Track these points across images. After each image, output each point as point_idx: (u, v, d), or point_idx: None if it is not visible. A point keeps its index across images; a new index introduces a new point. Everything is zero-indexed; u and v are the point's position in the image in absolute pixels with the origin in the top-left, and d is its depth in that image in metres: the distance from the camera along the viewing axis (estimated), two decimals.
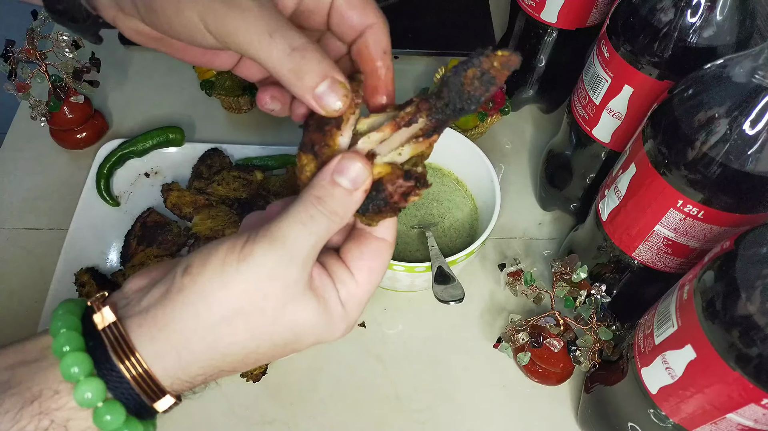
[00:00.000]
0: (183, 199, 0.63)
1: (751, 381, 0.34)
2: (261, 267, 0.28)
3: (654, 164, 0.43)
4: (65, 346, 0.28)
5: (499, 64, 0.27)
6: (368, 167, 0.29)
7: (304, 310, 0.29)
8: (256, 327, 0.29)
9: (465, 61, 0.28)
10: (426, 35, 0.82)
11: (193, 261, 0.29)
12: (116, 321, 0.28)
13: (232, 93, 0.71)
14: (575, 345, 0.53)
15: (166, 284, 0.29)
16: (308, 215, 0.28)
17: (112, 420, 0.28)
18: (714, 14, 0.45)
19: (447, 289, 0.52)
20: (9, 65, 0.62)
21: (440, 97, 0.29)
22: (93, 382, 0.28)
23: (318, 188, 0.29)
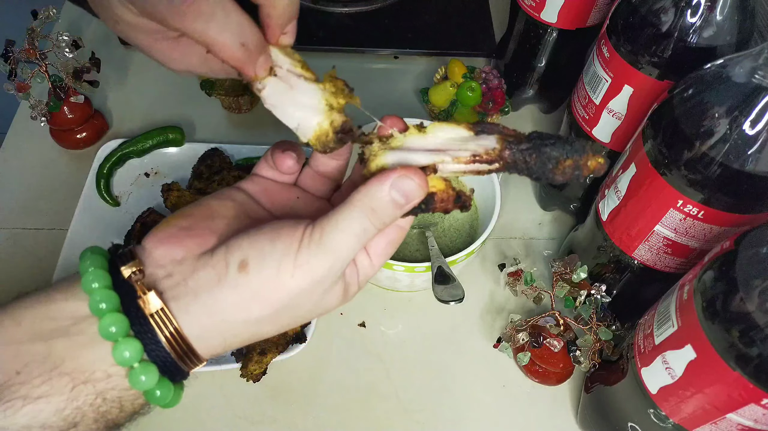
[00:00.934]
0: (183, 199, 0.63)
1: (751, 381, 0.34)
2: (315, 276, 0.30)
3: (654, 164, 0.43)
4: (101, 304, 0.29)
5: (592, 166, 0.29)
6: (425, 187, 0.30)
7: (334, 297, 0.33)
8: (295, 317, 0.32)
9: (567, 145, 0.29)
10: (426, 35, 0.82)
11: (248, 257, 0.30)
12: (164, 308, 0.29)
13: (232, 93, 0.71)
14: (575, 345, 0.53)
15: (215, 269, 0.30)
16: (362, 228, 0.30)
17: (146, 381, 0.29)
18: (714, 14, 0.45)
19: (447, 289, 0.52)
20: (9, 65, 0.62)
21: (527, 161, 0.30)
22: (131, 343, 0.29)
23: (375, 200, 0.30)
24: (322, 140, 0.32)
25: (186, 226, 0.32)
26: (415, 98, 0.78)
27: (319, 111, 0.32)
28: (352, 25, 0.83)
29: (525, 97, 0.75)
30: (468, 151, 0.31)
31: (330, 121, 0.32)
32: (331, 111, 0.32)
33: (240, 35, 0.31)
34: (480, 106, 0.69)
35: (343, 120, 0.32)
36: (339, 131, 0.32)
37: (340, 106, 0.32)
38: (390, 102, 0.77)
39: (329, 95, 0.32)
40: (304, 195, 0.37)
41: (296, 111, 0.32)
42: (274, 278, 0.29)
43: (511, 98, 0.73)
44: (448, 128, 0.31)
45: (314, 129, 0.32)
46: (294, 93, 0.33)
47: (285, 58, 0.33)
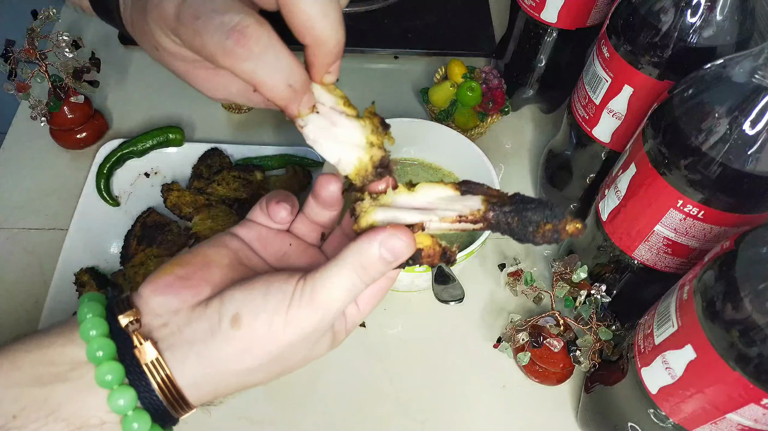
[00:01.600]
0: (183, 199, 0.63)
1: (751, 381, 0.34)
2: (303, 329, 0.31)
3: (654, 164, 0.43)
4: (98, 352, 0.29)
5: (570, 230, 0.30)
6: (412, 245, 0.32)
7: (323, 346, 0.34)
8: (285, 367, 0.33)
9: (548, 211, 0.31)
10: (426, 35, 0.82)
11: (241, 313, 0.30)
12: (159, 358, 0.30)
13: None
14: (575, 345, 0.53)
15: (209, 322, 0.31)
16: (352, 283, 0.31)
17: (138, 428, 0.30)
18: (714, 14, 0.45)
19: (447, 289, 0.52)
20: (9, 65, 0.62)
21: (509, 223, 0.31)
22: (126, 391, 0.29)
23: (365, 257, 0.31)
24: (362, 175, 0.33)
25: (183, 275, 0.32)
26: (415, 98, 0.78)
27: (359, 147, 0.33)
28: (352, 25, 0.82)
29: (525, 97, 0.75)
30: (454, 212, 0.32)
31: (370, 156, 0.33)
32: (372, 147, 0.33)
33: (288, 77, 0.31)
34: (480, 106, 0.69)
35: (382, 155, 0.33)
36: (378, 166, 0.33)
37: (379, 142, 0.33)
38: (390, 102, 0.77)
39: (369, 132, 0.33)
40: (297, 242, 0.37)
41: (338, 147, 0.33)
42: (266, 332, 0.30)
43: (511, 98, 0.73)
44: (437, 188, 0.33)
45: (354, 164, 0.33)
46: (335, 130, 0.33)
47: (328, 95, 0.34)
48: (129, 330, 0.30)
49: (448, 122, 0.70)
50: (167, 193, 0.63)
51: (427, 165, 0.66)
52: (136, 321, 0.31)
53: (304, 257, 0.37)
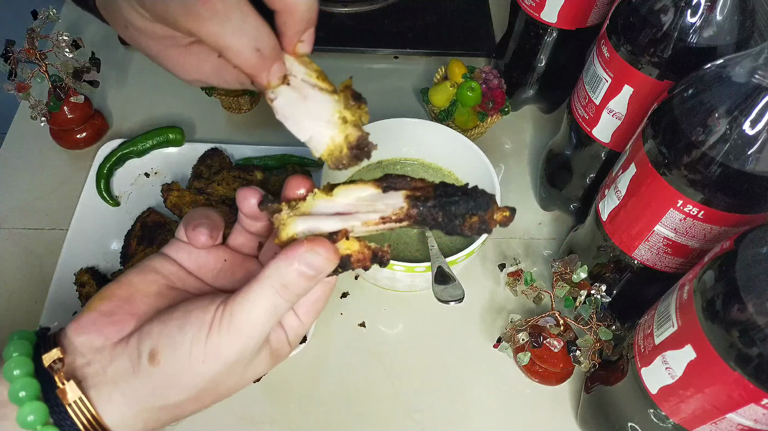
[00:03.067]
0: (183, 199, 0.63)
1: (751, 381, 0.34)
2: (228, 359, 0.29)
3: (654, 164, 0.43)
4: (21, 392, 0.28)
5: (498, 219, 0.29)
6: (333, 259, 0.30)
7: (260, 366, 0.32)
8: (218, 395, 0.32)
9: (471, 200, 0.29)
10: (426, 35, 0.82)
11: (158, 348, 0.29)
12: (83, 397, 0.29)
13: (232, 93, 0.71)
14: (575, 345, 0.53)
15: (130, 359, 0.30)
16: (272, 304, 0.29)
17: None
18: (714, 14, 0.45)
19: (447, 289, 0.52)
20: (9, 65, 0.62)
21: (434, 217, 0.29)
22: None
23: (284, 276, 0.29)
24: (335, 156, 0.31)
25: (106, 311, 0.31)
26: (415, 98, 0.78)
27: (332, 124, 0.30)
28: (352, 25, 0.83)
29: (525, 97, 0.75)
30: (376, 213, 0.30)
31: (345, 136, 0.30)
32: (346, 125, 0.30)
33: (255, 40, 0.29)
34: (480, 106, 0.69)
35: (359, 135, 0.30)
36: (354, 147, 0.30)
37: (354, 118, 0.31)
38: (390, 102, 0.77)
39: (343, 107, 0.31)
40: (232, 255, 0.36)
41: (309, 123, 0.31)
42: (186, 366, 0.29)
43: (511, 98, 0.73)
44: (356, 189, 0.30)
45: (327, 144, 0.31)
46: (307, 104, 0.31)
47: (300, 67, 0.32)
48: (52, 370, 0.29)
49: (448, 122, 0.70)
50: (167, 193, 0.63)
51: (427, 165, 0.66)
52: (59, 360, 0.29)
53: (240, 271, 0.35)
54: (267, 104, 0.33)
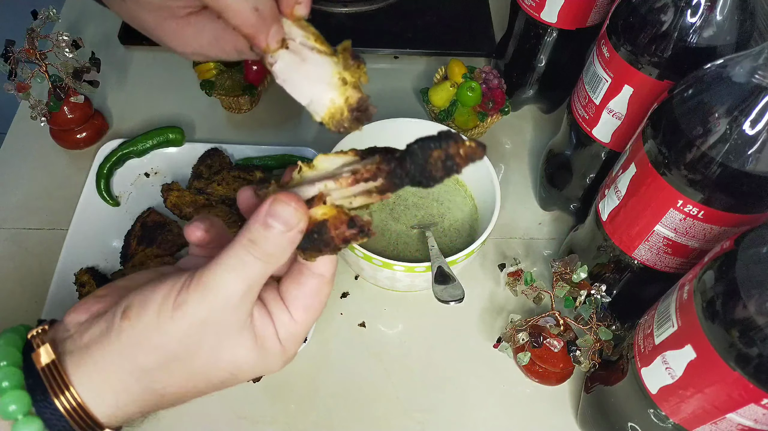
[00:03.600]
0: (183, 199, 0.63)
1: (751, 381, 0.34)
2: (195, 316, 0.29)
3: (654, 164, 0.43)
4: (4, 382, 0.28)
5: (464, 153, 0.28)
6: (301, 209, 0.29)
7: (241, 349, 0.30)
8: (192, 370, 0.30)
9: (433, 139, 0.28)
10: (426, 35, 0.82)
11: (131, 304, 0.29)
12: (54, 360, 0.29)
13: (232, 93, 0.71)
14: (575, 345, 0.53)
15: (106, 321, 0.30)
16: (239, 260, 0.29)
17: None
18: (714, 14, 0.45)
19: (447, 289, 0.52)
20: (9, 65, 0.62)
21: (402, 166, 0.28)
22: (31, 421, 0.28)
23: (251, 231, 0.29)
24: (336, 119, 0.30)
25: (101, 295, 0.32)
26: (415, 98, 0.78)
27: (332, 86, 0.30)
28: (352, 25, 0.83)
29: (525, 97, 0.75)
30: (349, 172, 0.29)
31: (345, 98, 0.30)
32: (346, 86, 0.30)
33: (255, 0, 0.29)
34: (480, 106, 0.69)
35: (359, 97, 0.30)
36: (355, 109, 0.30)
37: (354, 80, 0.30)
38: (390, 102, 0.77)
39: (342, 68, 0.30)
40: None
41: (308, 86, 0.30)
42: (154, 322, 0.29)
43: (511, 98, 0.73)
44: (335, 158, 0.30)
45: (327, 106, 0.30)
46: (306, 66, 0.30)
47: (298, 31, 0.31)
48: (33, 340, 0.30)
49: (448, 122, 0.70)
50: (167, 193, 0.63)
51: None
52: (42, 331, 0.30)
53: None
54: (267, 104, 0.33)
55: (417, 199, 0.63)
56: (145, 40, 0.80)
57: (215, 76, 0.71)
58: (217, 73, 0.71)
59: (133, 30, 0.38)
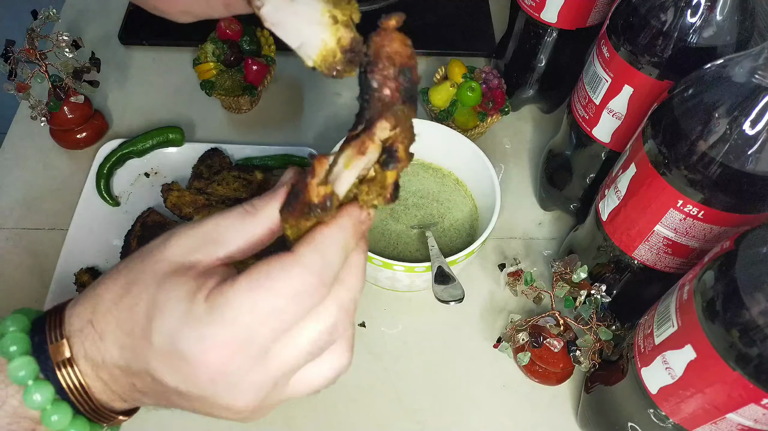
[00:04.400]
0: (183, 199, 0.63)
1: (751, 381, 0.34)
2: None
3: (654, 164, 0.43)
4: (12, 346, 0.29)
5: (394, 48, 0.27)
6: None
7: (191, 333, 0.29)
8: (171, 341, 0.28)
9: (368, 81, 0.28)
10: (426, 35, 0.82)
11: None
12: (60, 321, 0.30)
13: (232, 93, 0.71)
14: (575, 345, 0.53)
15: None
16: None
17: (59, 420, 0.29)
18: (714, 14, 0.45)
19: (447, 289, 0.52)
20: (9, 65, 0.62)
21: (364, 114, 0.28)
22: (42, 386, 0.29)
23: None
24: (329, 61, 0.28)
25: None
26: None
27: (323, 26, 0.28)
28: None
29: (525, 97, 0.75)
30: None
31: (337, 39, 0.28)
32: (337, 26, 0.28)
33: None
34: (480, 106, 0.69)
35: (352, 37, 0.28)
36: (348, 50, 0.28)
37: (345, 18, 0.28)
38: None
39: (333, 6, 0.28)
40: None
41: (298, 27, 0.28)
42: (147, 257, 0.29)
43: (511, 98, 0.73)
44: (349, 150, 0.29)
45: (318, 48, 0.28)
46: (295, 6, 0.28)
47: None
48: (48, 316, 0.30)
49: (448, 122, 0.70)
50: (167, 193, 0.63)
51: (427, 165, 0.66)
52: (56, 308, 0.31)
53: None
54: (267, 104, 0.32)
55: (417, 199, 0.63)
56: (145, 40, 0.81)
57: (215, 76, 0.71)
58: (217, 73, 0.71)
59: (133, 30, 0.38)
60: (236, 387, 0.28)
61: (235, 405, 0.28)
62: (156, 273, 0.28)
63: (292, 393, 0.31)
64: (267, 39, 0.75)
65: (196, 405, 0.29)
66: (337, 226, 0.28)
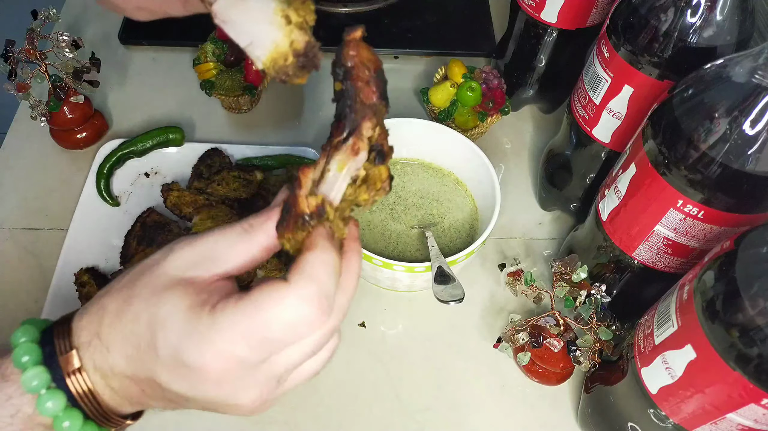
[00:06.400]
0: (183, 199, 0.63)
1: (751, 381, 0.34)
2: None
3: (654, 164, 0.43)
4: (24, 357, 0.30)
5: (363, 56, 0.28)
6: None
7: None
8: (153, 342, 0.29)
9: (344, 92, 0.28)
10: (426, 35, 0.82)
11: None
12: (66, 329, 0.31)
13: (232, 93, 0.71)
14: (575, 345, 0.53)
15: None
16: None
17: (71, 426, 0.30)
18: (714, 14, 0.45)
19: (447, 289, 0.52)
20: (9, 65, 0.62)
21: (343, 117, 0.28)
22: (55, 395, 0.30)
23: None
24: (279, 64, 0.27)
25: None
26: (415, 98, 0.78)
27: (275, 25, 0.26)
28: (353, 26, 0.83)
29: (525, 97, 0.75)
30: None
31: (290, 41, 0.27)
32: (291, 27, 0.27)
33: None
34: (480, 106, 0.69)
35: (306, 41, 0.27)
36: (301, 54, 0.27)
37: (301, 20, 0.27)
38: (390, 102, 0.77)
39: (287, 5, 0.27)
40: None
41: (249, 26, 0.27)
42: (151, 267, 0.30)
43: (511, 98, 0.73)
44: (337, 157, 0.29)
45: (269, 49, 0.27)
46: (247, 3, 0.27)
47: None
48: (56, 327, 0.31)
49: (448, 122, 0.70)
50: (167, 193, 0.63)
51: (427, 165, 0.66)
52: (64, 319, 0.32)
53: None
54: (267, 104, 0.32)
55: (417, 199, 0.63)
56: (145, 40, 0.81)
57: (215, 76, 0.71)
58: (217, 73, 0.71)
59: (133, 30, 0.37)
60: (241, 390, 0.29)
61: (242, 403, 0.30)
62: (156, 287, 0.29)
63: (291, 386, 0.32)
64: None
65: (204, 406, 0.31)
66: (321, 249, 0.29)
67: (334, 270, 0.29)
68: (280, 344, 0.28)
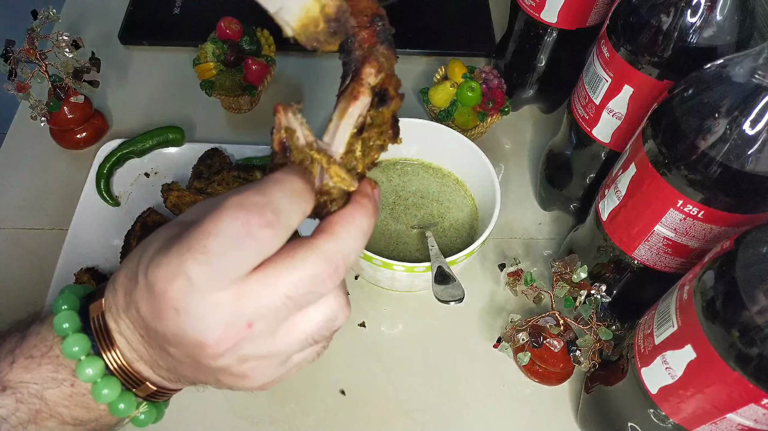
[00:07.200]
0: (183, 199, 0.63)
1: (751, 381, 0.34)
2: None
3: (654, 164, 0.43)
4: (65, 323, 0.31)
5: (361, 4, 0.27)
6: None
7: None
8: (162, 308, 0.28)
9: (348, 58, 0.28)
10: (426, 35, 0.82)
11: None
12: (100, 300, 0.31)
13: (232, 93, 0.71)
14: (575, 345, 0.53)
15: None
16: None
17: (109, 393, 0.31)
18: (714, 14, 0.45)
19: (447, 289, 0.52)
20: (9, 65, 0.62)
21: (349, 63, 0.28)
22: (93, 361, 0.31)
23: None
24: (310, 31, 0.25)
25: None
26: (415, 98, 0.78)
27: None
28: None
29: (525, 97, 0.75)
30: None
31: (321, 6, 0.25)
32: None
33: None
34: (480, 106, 0.69)
35: (337, 5, 0.25)
36: (333, 19, 0.25)
37: None
38: None
39: None
40: None
41: None
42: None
43: (511, 98, 0.73)
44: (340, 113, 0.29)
45: (299, 15, 0.25)
46: None
47: None
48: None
49: (448, 122, 0.70)
50: (167, 193, 0.63)
51: (427, 165, 0.66)
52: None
53: None
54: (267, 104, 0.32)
55: (417, 199, 0.63)
56: (145, 40, 0.81)
57: (215, 76, 0.71)
58: (217, 73, 0.71)
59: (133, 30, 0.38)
60: (202, 319, 0.26)
61: (205, 340, 0.26)
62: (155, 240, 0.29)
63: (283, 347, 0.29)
64: (267, 39, 0.75)
65: (184, 360, 0.29)
66: (282, 172, 0.28)
67: (291, 191, 0.27)
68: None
